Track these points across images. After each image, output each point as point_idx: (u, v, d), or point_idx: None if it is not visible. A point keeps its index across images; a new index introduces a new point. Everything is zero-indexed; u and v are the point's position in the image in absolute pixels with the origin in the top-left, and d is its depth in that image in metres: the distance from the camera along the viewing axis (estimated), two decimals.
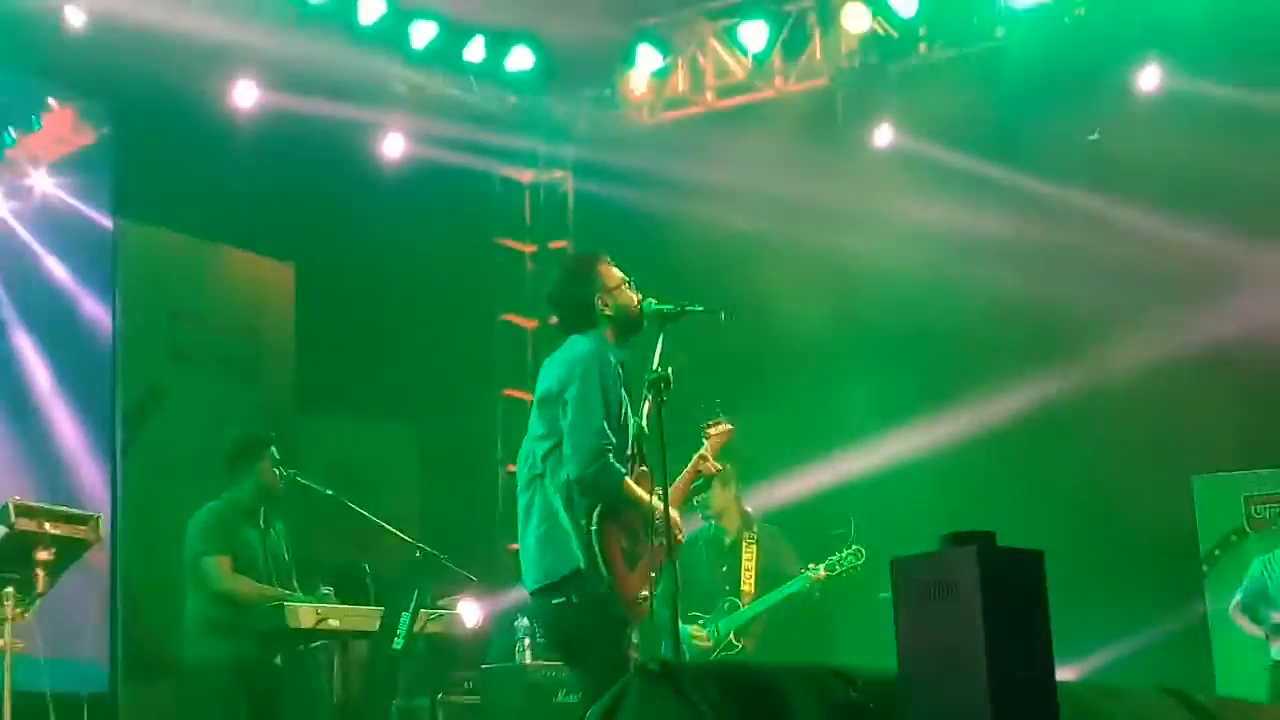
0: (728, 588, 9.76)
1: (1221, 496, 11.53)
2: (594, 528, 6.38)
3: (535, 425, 6.70)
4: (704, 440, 7.25)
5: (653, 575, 6.45)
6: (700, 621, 9.65)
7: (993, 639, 3.64)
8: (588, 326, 6.79)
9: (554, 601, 6.53)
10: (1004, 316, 11.09)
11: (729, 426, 7.28)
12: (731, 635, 9.62)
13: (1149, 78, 11.37)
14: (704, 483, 7.39)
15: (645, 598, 6.42)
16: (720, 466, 7.28)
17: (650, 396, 6.47)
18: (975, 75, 11.70)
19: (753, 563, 9.78)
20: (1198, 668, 10.28)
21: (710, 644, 9.58)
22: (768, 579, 9.68)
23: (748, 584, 9.72)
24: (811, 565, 9.53)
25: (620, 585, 6.41)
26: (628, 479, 6.51)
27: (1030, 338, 11.07)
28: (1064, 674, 3.90)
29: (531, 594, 6.71)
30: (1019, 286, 10.92)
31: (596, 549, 6.36)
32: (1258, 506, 11.23)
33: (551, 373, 6.70)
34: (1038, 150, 11.31)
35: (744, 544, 9.85)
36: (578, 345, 6.72)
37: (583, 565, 6.37)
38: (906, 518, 9.77)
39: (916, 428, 11.06)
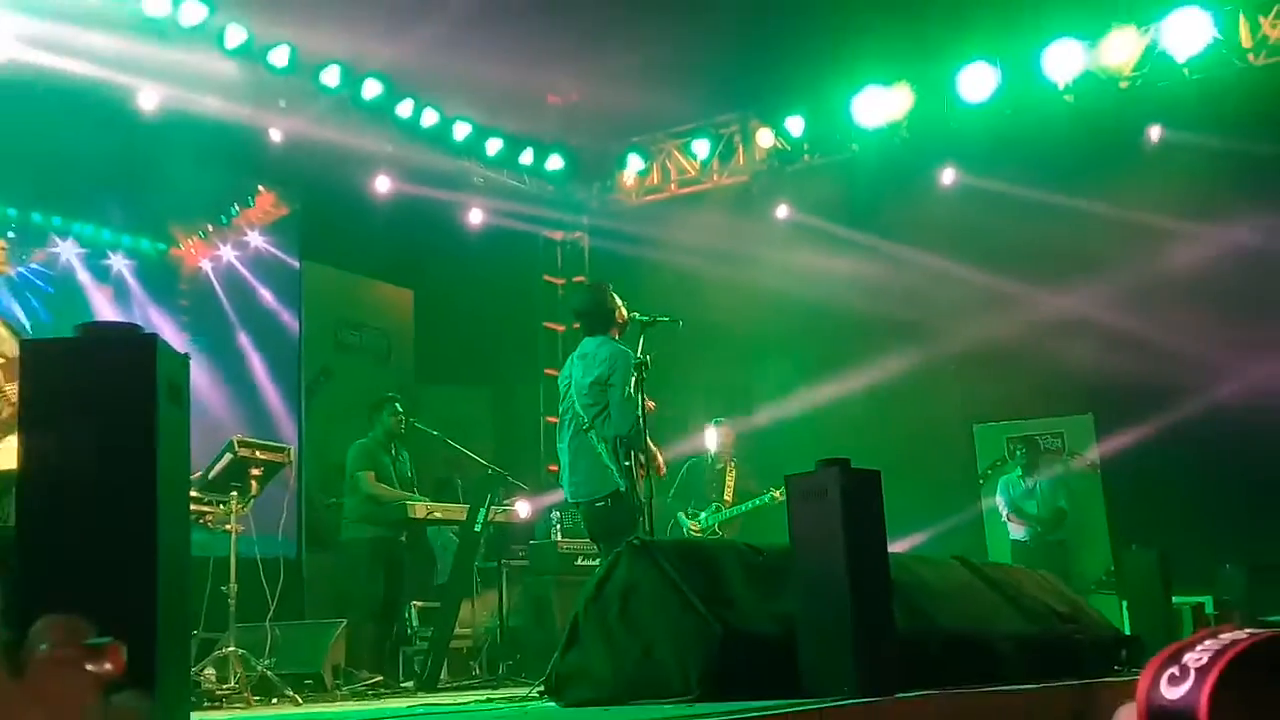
0: (714, 496, 9.82)
1: (992, 438, 11.55)
2: (629, 464, 6.45)
3: (584, 397, 6.63)
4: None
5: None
6: (698, 517, 9.72)
7: (848, 526, 3.71)
8: (602, 330, 6.77)
9: (598, 506, 6.60)
10: (858, 324, 11.02)
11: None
12: (716, 527, 9.66)
13: (948, 175, 11.38)
14: None
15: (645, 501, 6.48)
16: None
17: (635, 375, 6.49)
18: (840, 173, 11.72)
19: (732, 481, 9.84)
20: (975, 545, 10.32)
21: (701, 532, 9.65)
22: (740, 492, 9.74)
23: (728, 495, 9.75)
24: (773, 489, 9.57)
25: (631, 496, 6.48)
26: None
27: (875, 337, 11.01)
28: (892, 547, 3.94)
29: (581, 503, 6.78)
30: (868, 305, 10.92)
31: (634, 477, 6.44)
32: (1012, 444, 11.29)
33: (597, 364, 6.62)
34: (879, 220, 11.32)
35: (728, 469, 9.92)
36: (609, 346, 6.67)
37: (623, 488, 6.43)
38: (793, 448, 9.81)
39: (802, 392, 11.10)
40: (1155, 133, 10.64)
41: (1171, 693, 0.77)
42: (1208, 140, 10.16)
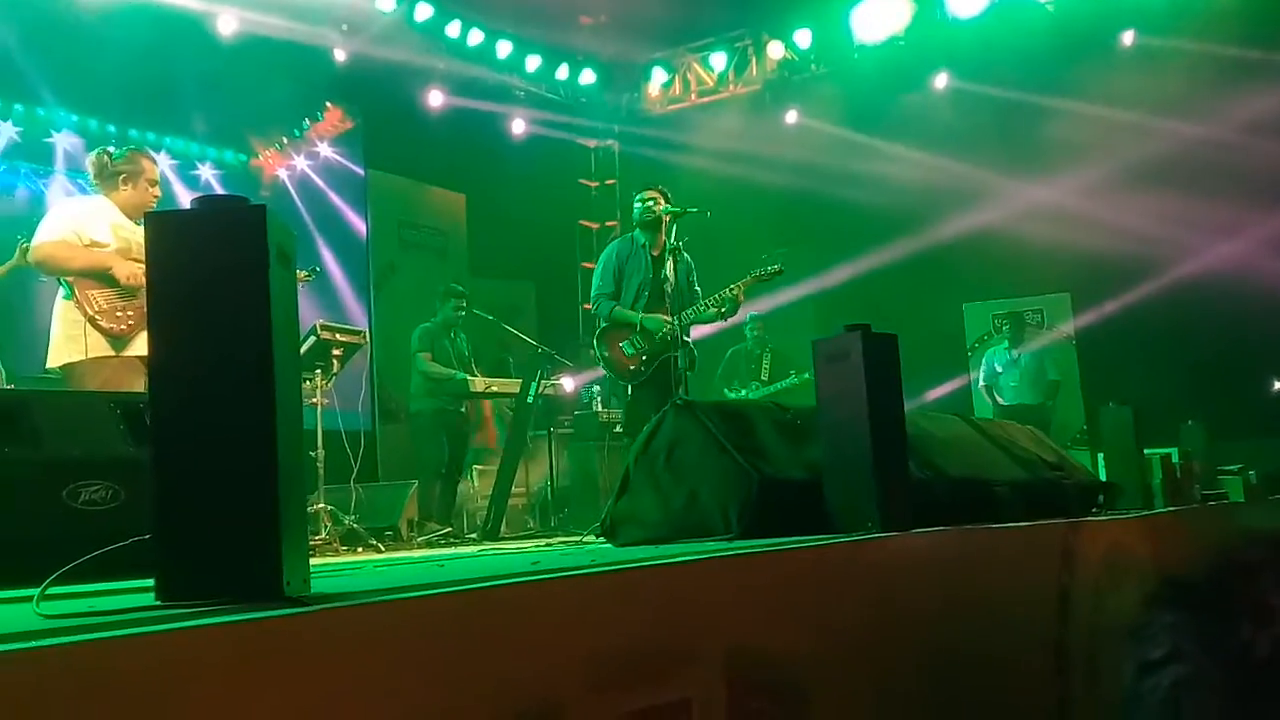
0: (752, 377, 9.84)
1: (978, 315, 11.54)
2: (596, 336, 6.57)
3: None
4: (750, 273, 6.60)
5: (644, 358, 6.39)
6: (740, 394, 9.75)
7: (869, 385, 3.62)
8: (627, 229, 6.77)
9: (606, 375, 6.69)
10: (861, 214, 10.83)
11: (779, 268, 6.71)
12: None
13: (941, 80, 11.21)
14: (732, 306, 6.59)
15: (637, 369, 6.40)
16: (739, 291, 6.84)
17: (670, 260, 6.39)
18: (841, 81, 11.57)
19: (768, 363, 9.84)
20: (965, 408, 10.30)
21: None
22: (773, 373, 9.74)
23: (764, 374, 9.80)
24: (795, 370, 9.50)
25: (618, 364, 6.45)
26: (616, 307, 6.49)
27: (875, 226, 10.86)
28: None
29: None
30: (869, 198, 10.69)
31: (601, 348, 6.50)
32: (997, 320, 11.19)
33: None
34: (876, 121, 11.15)
35: (764, 355, 9.91)
36: (611, 243, 6.73)
37: (610, 360, 6.45)
38: (802, 325, 9.76)
39: (816, 277, 10.97)
40: (1128, 38, 10.54)
41: None
42: (1175, 44, 10.06)
